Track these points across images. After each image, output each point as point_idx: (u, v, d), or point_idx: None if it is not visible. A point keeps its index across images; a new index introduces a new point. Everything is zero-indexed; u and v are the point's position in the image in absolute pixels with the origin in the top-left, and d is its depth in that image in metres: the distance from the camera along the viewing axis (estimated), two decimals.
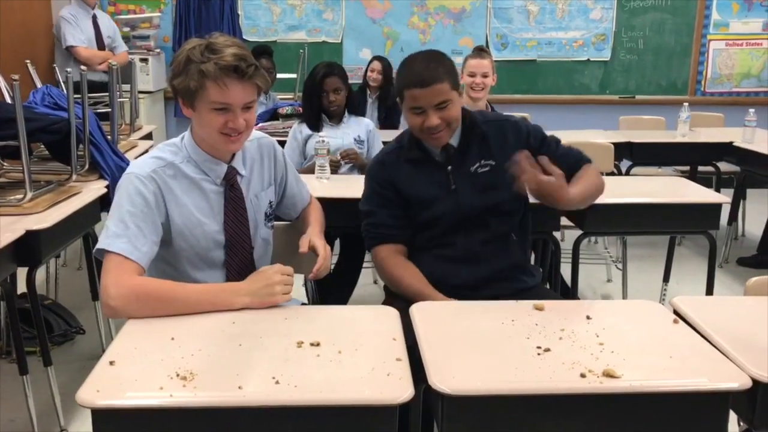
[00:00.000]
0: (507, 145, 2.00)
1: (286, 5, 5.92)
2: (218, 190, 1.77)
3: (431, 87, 1.89)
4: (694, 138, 4.36)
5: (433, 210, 2.01)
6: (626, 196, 2.81)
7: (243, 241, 1.81)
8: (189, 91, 1.64)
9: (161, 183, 1.69)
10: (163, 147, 1.78)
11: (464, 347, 1.43)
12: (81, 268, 3.95)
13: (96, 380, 1.26)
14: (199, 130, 1.73)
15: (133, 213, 1.63)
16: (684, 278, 3.83)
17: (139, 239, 1.62)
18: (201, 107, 1.66)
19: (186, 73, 1.64)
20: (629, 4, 5.98)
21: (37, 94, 2.96)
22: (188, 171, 1.74)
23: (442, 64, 1.93)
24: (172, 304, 1.54)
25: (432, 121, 1.92)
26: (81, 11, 5.09)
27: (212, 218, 1.76)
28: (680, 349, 1.43)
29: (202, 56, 1.62)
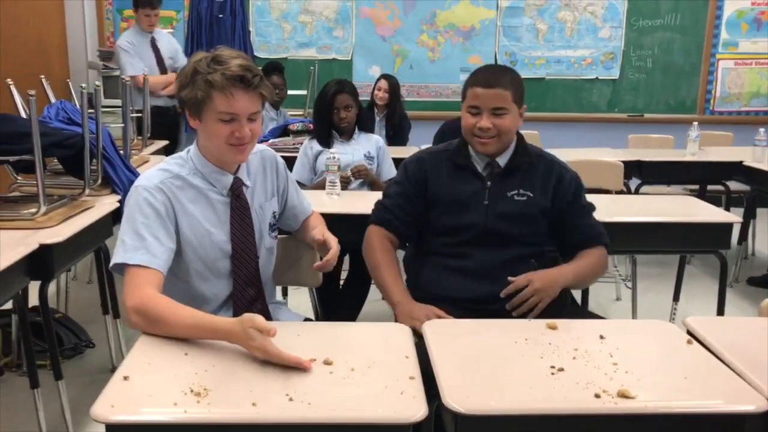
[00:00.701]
0: (548, 184, 2.06)
1: (297, 23, 5.97)
2: (224, 201, 1.80)
3: (493, 89, 1.96)
4: (704, 157, 4.35)
5: (459, 217, 2.03)
6: (636, 215, 2.82)
7: (249, 251, 1.83)
8: (196, 101, 1.68)
9: (170, 194, 1.71)
10: (169, 160, 1.81)
11: (477, 366, 1.43)
12: (91, 282, 3.96)
13: (110, 395, 1.26)
14: (206, 141, 1.76)
15: (146, 224, 1.65)
16: (694, 297, 3.82)
17: (156, 248, 1.63)
18: (208, 117, 1.69)
19: (193, 84, 1.67)
20: (638, 23, 6.01)
21: (51, 109, 2.99)
22: (195, 182, 1.76)
23: (510, 75, 2.02)
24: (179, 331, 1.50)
25: (484, 123, 1.97)
26: (139, 37, 4.93)
27: (219, 228, 1.79)
28: (695, 370, 1.42)
29: (208, 67, 1.66)
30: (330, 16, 5.95)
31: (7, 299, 2.08)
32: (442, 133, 3.60)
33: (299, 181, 3.35)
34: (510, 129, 2.01)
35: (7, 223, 2.23)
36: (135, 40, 4.92)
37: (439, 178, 2.07)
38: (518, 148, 2.08)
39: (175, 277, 1.75)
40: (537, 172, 2.07)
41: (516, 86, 2.00)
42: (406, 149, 4.47)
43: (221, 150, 1.73)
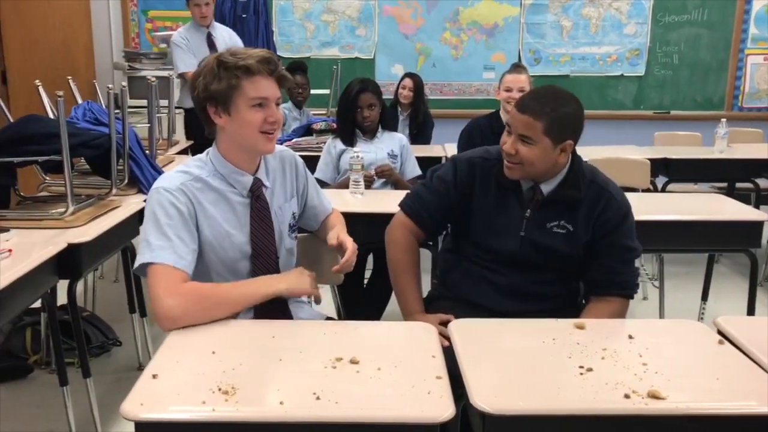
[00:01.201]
0: (592, 214, 1.91)
1: (320, 22, 5.98)
2: (244, 202, 1.80)
3: (522, 114, 1.84)
4: (732, 154, 4.29)
5: (493, 241, 1.97)
6: (663, 214, 2.78)
7: (269, 251, 1.83)
8: (224, 94, 1.69)
9: (191, 195, 1.72)
10: (189, 162, 1.82)
11: (505, 366, 1.41)
12: (118, 281, 4.00)
13: (139, 393, 1.27)
14: (237, 134, 1.74)
15: (170, 225, 1.66)
16: (722, 297, 3.76)
17: (182, 248, 1.65)
18: (239, 106, 1.70)
19: (219, 77, 1.68)
20: (664, 18, 5.93)
21: (78, 109, 3.03)
22: (215, 184, 1.77)
23: (553, 105, 1.83)
24: (225, 304, 1.60)
25: (507, 147, 1.87)
26: (194, 32, 4.79)
27: (239, 229, 1.79)
28: (726, 371, 1.40)
29: (233, 57, 1.69)
30: (352, 15, 5.95)
31: (36, 298, 2.11)
32: (469, 132, 3.55)
33: (322, 180, 3.35)
34: (533, 161, 1.85)
35: (35, 222, 2.26)
36: (189, 35, 4.79)
37: (485, 193, 1.97)
38: (568, 178, 1.92)
39: (196, 279, 1.75)
40: (582, 205, 1.91)
41: (554, 119, 1.81)
42: (429, 148, 4.47)
43: (253, 139, 1.73)
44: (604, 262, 1.93)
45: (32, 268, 1.91)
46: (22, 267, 1.87)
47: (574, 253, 1.94)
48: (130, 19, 5.99)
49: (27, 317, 3.00)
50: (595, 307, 1.94)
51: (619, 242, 1.93)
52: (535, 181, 1.93)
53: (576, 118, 1.87)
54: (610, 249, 1.92)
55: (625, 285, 1.94)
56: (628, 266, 1.95)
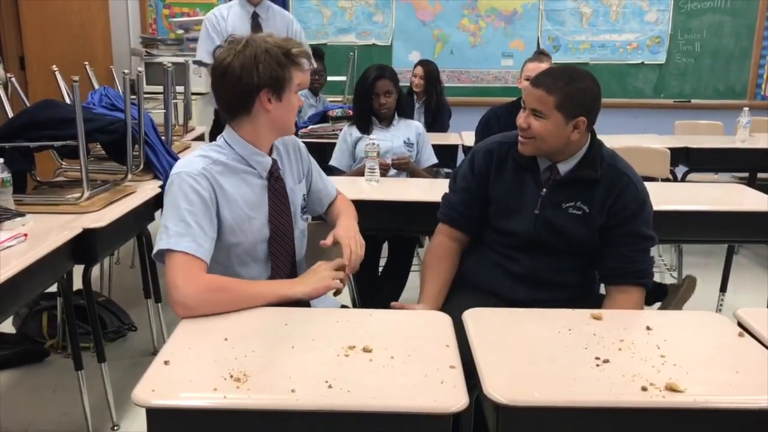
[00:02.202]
0: (608, 198, 1.89)
1: (337, 8, 5.94)
2: (263, 184, 1.80)
3: (536, 89, 1.85)
4: (754, 144, 4.22)
5: (509, 222, 1.97)
6: (683, 203, 2.74)
7: (287, 233, 1.84)
8: (285, 81, 1.71)
9: (212, 180, 1.71)
10: (206, 147, 1.80)
11: (519, 356, 1.40)
12: (134, 266, 4.03)
13: (151, 380, 1.26)
14: (279, 119, 1.76)
15: (191, 211, 1.65)
16: (741, 288, 3.71)
17: (201, 237, 1.64)
18: (290, 92, 1.74)
19: (282, 65, 1.70)
20: (686, 5, 5.83)
21: (94, 95, 3.03)
22: (235, 166, 1.77)
23: (567, 80, 1.82)
24: (240, 299, 1.59)
25: (520, 119, 1.90)
26: (238, 9, 3.95)
27: (258, 211, 1.79)
28: (747, 364, 1.37)
29: (293, 46, 1.73)
30: (370, 1, 5.90)
31: (52, 283, 2.12)
32: (487, 120, 3.50)
33: (338, 168, 3.34)
34: (544, 136, 1.85)
35: (51, 207, 2.26)
36: (229, 12, 3.94)
37: (501, 177, 1.98)
38: (586, 158, 1.91)
39: (215, 263, 1.75)
40: (601, 185, 1.90)
41: (567, 94, 1.81)
42: (445, 136, 4.43)
43: (290, 122, 1.81)
44: (620, 250, 1.90)
45: (48, 253, 1.92)
46: (38, 251, 1.88)
47: (588, 235, 1.92)
48: (147, 5, 5.98)
49: (43, 302, 3.02)
50: (615, 300, 1.91)
51: (636, 230, 1.90)
52: (553, 161, 1.93)
53: (590, 94, 1.85)
54: (627, 237, 1.90)
55: (641, 274, 1.92)
56: (644, 255, 1.93)
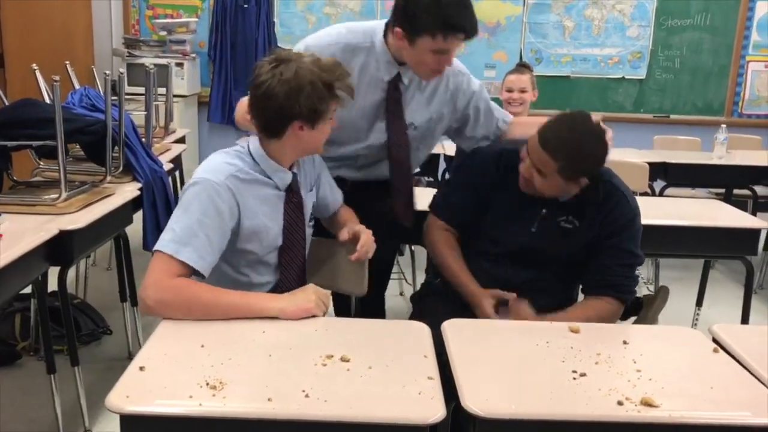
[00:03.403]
0: (599, 215, 1.90)
1: (322, 14, 5.94)
2: (279, 194, 1.80)
3: (542, 150, 1.81)
4: (731, 160, 4.28)
5: (502, 233, 1.97)
6: (660, 218, 2.76)
7: (299, 244, 1.84)
8: (318, 112, 1.68)
9: (235, 190, 1.69)
10: (230, 152, 1.78)
11: (497, 368, 1.40)
12: (110, 269, 3.98)
13: (125, 385, 1.25)
14: (310, 142, 1.74)
15: (203, 222, 1.62)
16: (717, 303, 3.75)
17: (206, 249, 1.61)
18: (324, 122, 1.72)
19: (323, 99, 1.67)
20: (667, 22, 5.91)
21: (75, 95, 3.00)
22: (255, 176, 1.75)
23: (572, 147, 1.79)
24: (208, 307, 1.55)
25: (523, 169, 1.88)
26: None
27: (274, 221, 1.78)
28: (721, 380, 1.39)
29: (335, 78, 1.69)
30: (355, 8, 5.91)
31: (26, 284, 2.09)
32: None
33: None
34: (544, 190, 1.87)
35: (28, 208, 2.23)
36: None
37: (505, 187, 1.96)
38: (588, 188, 1.89)
39: (225, 263, 1.74)
40: (596, 204, 1.92)
41: (571, 163, 1.79)
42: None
43: (320, 145, 1.79)
44: (605, 262, 1.92)
45: (23, 254, 1.89)
46: (13, 252, 1.85)
47: (575, 249, 1.93)
48: (131, 5, 5.94)
49: (17, 303, 2.98)
50: (586, 303, 1.94)
51: (623, 245, 1.91)
52: None
53: (594, 161, 1.83)
54: (613, 250, 1.91)
55: (622, 288, 1.92)
56: (628, 270, 1.93)
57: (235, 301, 1.58)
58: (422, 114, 2.10)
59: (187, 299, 1.54)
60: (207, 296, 1.57)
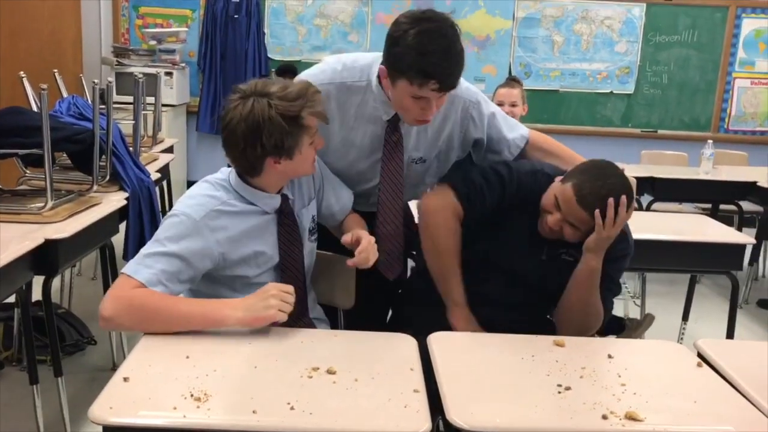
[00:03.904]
0: None
1: (312, 26, 5.96)
2: (271, 217, 1.74)
3: (581, 209, 1.73)
4: (717, 176, 4.32)
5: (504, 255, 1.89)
6: (647, 232, 2.77)
7: (296, 264, 1.78)
8: (287, 147, 1.62)
9: (216, 227, 1.63)
10: (215, 184, 1.71)
11: (483, 381, 1.40)
12: (95, 278, 3.95)
13: (109, 396, 1.24)
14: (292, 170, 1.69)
15: (176, 255, 1.57)
16: (702, 317, 3.77)
17: (171, 281, 1.56)
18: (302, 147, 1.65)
19: (289, 133, 1.60)
20: (655, 38, 5.97)
21: (62, 103, 2.98)
22: (240, 206, 1.69)
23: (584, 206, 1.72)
24: (163, 316, 1.50)
25: (553, 222, 1.80)
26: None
27: (265, 245, 1.73)
28: (704, 394, 1.39)
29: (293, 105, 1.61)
30: (345, 20, 5.94)
31: (10, 293, 2.07)
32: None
33: None
34: (572, 240, 1.80)
35: (13, 216, 2.22)
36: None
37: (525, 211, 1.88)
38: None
39: (220, 285, 1.69)
40: None
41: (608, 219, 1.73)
42: None
43: (307, 168, 1.73)
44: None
45: (7, 263, 1.88)
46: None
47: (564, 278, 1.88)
48: (120, 14, 5.94)
49: (0, 312, 2.95)
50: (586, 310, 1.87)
51: (609, 272, 1.88)
52: None
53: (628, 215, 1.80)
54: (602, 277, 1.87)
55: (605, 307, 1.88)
56: (609, 294, 1.90)
57: (191, 310, 1.52)
58: (431, 147, 1.99)
59: (140, 307, 1.50)
60: (161, 304, 1.51)
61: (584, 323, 1.83)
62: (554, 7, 5.94)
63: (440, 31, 1.70)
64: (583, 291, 1.81)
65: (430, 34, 1.68)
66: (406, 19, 1.72)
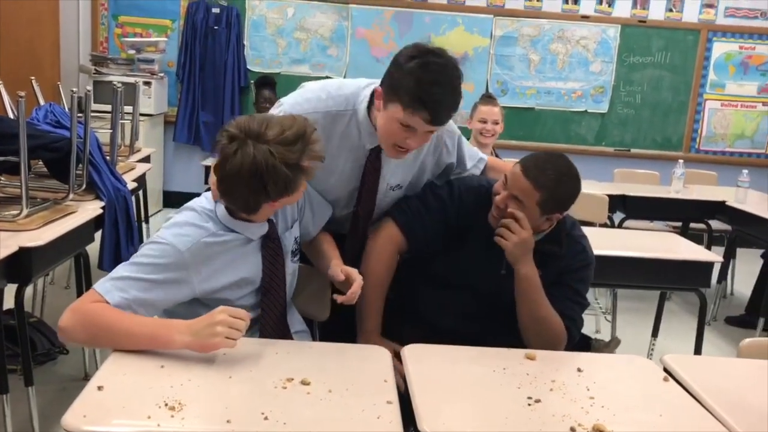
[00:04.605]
0: (559, 264, 1.91)
1: (292, 39, 5.99)
2: (255, 244, 1.73)
3: (525, 179, 1.80)
4: (688, 195, 4.40)
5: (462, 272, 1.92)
6: (619, 249, 2.83)
7: (278, 284, 1.77)
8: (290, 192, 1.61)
9: (200, 258, 1.61)
10: (203, 214, 1.68)
11: (455, 393, 1.42)
12: (69, 287, 3.92)
13: (83, 405, 1.24)
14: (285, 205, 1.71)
15: (152, 282, 1.55)
16: (672, 333, 3.83)
17: (143, 308, 1.54)
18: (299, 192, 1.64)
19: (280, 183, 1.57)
20: (629, 59, 6.09)
21: (39, 111, 2.97)
22: (224, 237, 1.67)
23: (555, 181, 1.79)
24: (113, 334, 1.48)
25: (500, 199, 1.85)
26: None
27: (249, 270, 1.72)
28: (670, 409, 1.43)
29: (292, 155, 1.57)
30: (325, 34, 5.98)
31: None
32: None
33: None
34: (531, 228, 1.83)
35: None
36: None
37: (480, 226, 1.91)
38: (551, 234, 1.91)
39: (201, 305, 1.66)
40: (555, 255, 1.91)
41: (552, 195, 1.80)
42: None
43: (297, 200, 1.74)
44: (555, 293, 1.90)
45: None
46: None
47: None
48: (99, 23, 5.92)
49: None
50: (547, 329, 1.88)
51: (574, 284, 1.92)
52: None
53: (572, 197, 1.85)
54: (564, 287, 1.92)
55: (572, 317, 1.91)
56: (577, 307, 1.93)
57: (141, 331, 1.48)
58: (407, 173, 2.01)
59: (93, 323, 1.48)
60: (113, 322, 1.48)
61: (542, 338, 1.82)
62: (531, 27, 6.04)
63: (444, 67, 1.73)
64: (529, 304, 1.84)
65: (434, 67, 1.72)
66: (414, 49, 1.76)
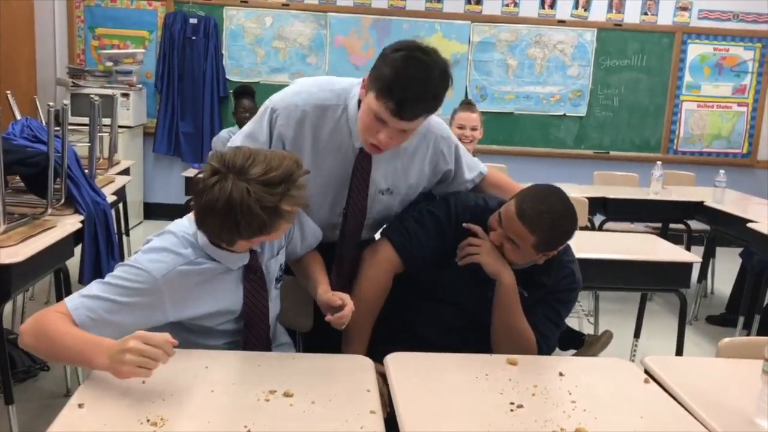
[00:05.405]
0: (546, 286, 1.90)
1: (271, 48, 5.98)
2: (237, 273, 1.69)
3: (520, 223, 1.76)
4: (667, 196, 4.45)
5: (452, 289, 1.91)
6: (599, 252, 2.86)
7: (261, 314, 1.73)
8: (265, 234, 1.55)
9: (177, 286, 1.58)
10: (183, 240, 1.63)
11: (439, 401, 1.43)
12: (49, 303, 3.87)
13: (64, 423, 1.24)
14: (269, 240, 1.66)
15: (122, 306, 1.52)
16: (654, 334, 3.86)
17: (109, 328, 1.49)
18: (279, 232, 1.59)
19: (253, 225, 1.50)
20: (606, 62, 6.15)
21: (16, 126, 2.95)
22: (204, 265, 1.63)
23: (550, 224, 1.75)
24: (54, 346, 1.45)
25: (494, 238, 1.83)
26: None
27: (229, 300, 1.68)
28: (651, 410, 1.44)
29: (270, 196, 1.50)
30: (304, 43, 5.98)
31: None
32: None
33: None
34: (512, 260, 1.84)
35: None
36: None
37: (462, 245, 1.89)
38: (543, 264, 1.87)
39: (182, 330, 1.63)
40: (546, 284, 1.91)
41: (548, 238, 1.77)
42: None
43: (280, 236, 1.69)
44: (533, 308, 1.90)
45: None
46: None
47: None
48: (76, 35, 5.88)
49: None
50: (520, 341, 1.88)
51: (554, 305, 1.92)
52: None
53: (568, 236, 1.84)
54: (544, 305, 1.91)
55: (545, 333, 1.89)
56: (552, 326, 1.92)
57: (73, 345, 1.43)
58: (400, 179, 1.96)
59: (43, 334, 1.45)
60: (57, 335, 1.44)
61: (511, 348, 1.80)
62: (509, 32, 6.08)
63: (426, 64, 1.69)
64: (504, 311, 1.84)
65: (415, 61, 1.68)
66: (404, 43, 1.72)
